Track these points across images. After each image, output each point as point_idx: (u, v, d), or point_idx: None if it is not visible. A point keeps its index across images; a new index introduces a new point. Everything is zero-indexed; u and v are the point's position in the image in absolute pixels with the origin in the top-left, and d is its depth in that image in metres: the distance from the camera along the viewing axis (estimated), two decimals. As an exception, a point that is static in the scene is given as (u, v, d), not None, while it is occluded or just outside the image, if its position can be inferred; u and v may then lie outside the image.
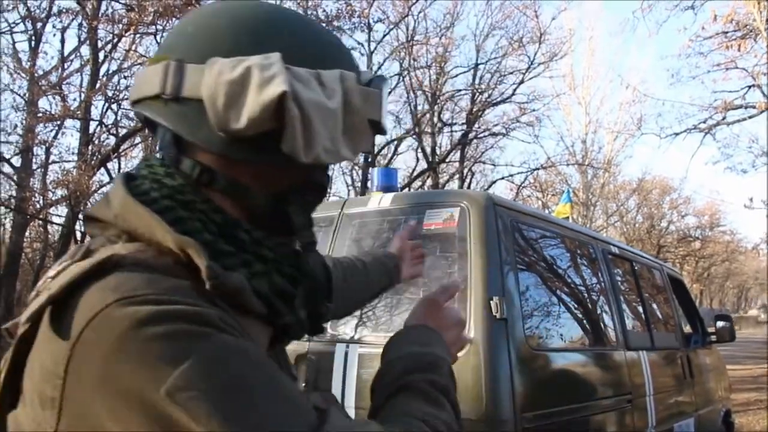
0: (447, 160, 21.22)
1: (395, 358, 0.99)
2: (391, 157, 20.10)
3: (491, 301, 2.69)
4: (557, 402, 3.00)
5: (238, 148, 0.83)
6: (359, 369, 2.94)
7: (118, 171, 18.04)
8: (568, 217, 5.58)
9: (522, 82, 20.53)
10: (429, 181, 19.89)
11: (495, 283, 2.76)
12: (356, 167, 20.67)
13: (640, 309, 4.46)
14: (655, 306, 4.93)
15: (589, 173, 25.84)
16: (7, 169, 17.26)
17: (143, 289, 0.70)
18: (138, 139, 17.70)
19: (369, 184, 3.60)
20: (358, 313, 3.12)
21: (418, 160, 20.84)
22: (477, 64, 20.60)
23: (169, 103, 0.83)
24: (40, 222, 18.16)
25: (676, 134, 14.50)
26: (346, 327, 3.12)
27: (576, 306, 3.60)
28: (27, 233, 18.61)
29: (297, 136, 0.80)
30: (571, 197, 5.52)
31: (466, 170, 21.79)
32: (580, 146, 25.78)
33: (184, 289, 0.73)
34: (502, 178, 22.16)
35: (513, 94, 20.78)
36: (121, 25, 14.70)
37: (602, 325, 3.74)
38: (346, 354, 3.00)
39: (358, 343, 3.01)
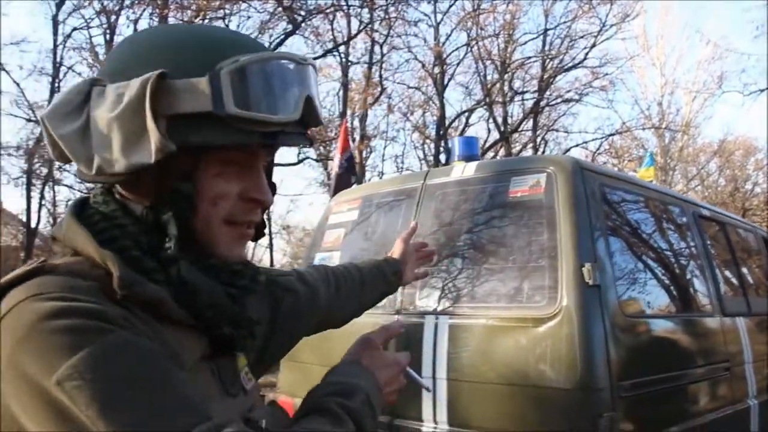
0: (519, 129, 20.88)
1: (319, 386, 1.02)
2: (463, 129, 19.88)
3: (583, 268, 2.62)
4: (654, 370, 2.91)
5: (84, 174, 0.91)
6: (449, 340, 2.92)
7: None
8: (651, 181, 5.41)
9: (594, 45, 19.96)
10: (501, 152, 19.63)
11: (586, 250, 2.68)
12: (428, 141, 20.58)
13: (734, 273, 4.29)
14: (749, 270, 4.73)
15: (666, 137, 25.02)
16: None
17: (54, 288, 0.79)
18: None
19: (450, 154, 3.54)
20: (441, 285, 3.10)
21: (489, 130, 20.57)
22: (546, 30, 20.11)
23: None
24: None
25: (762, 90, 13.85)
26: (429, 300, 3.10)
27: (668, 271, 3.48)
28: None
29: (75, 153, 0.88)
30: (654, 161, 5.33)
31: (539, 139, 21.40)
32: (656, 109, 24.97)
33: (93, 291, 0.80)
34: (576, 146, 21.65)
35: (585, 59, 20.23)
36: (190, 12, 14.98)
37: (696, 291, 3.61)
38: (436, 326, 2.98)
39: (448, 315, 2.98)
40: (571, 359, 2.58)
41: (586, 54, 20.14)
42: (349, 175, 6.02)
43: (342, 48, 18.23)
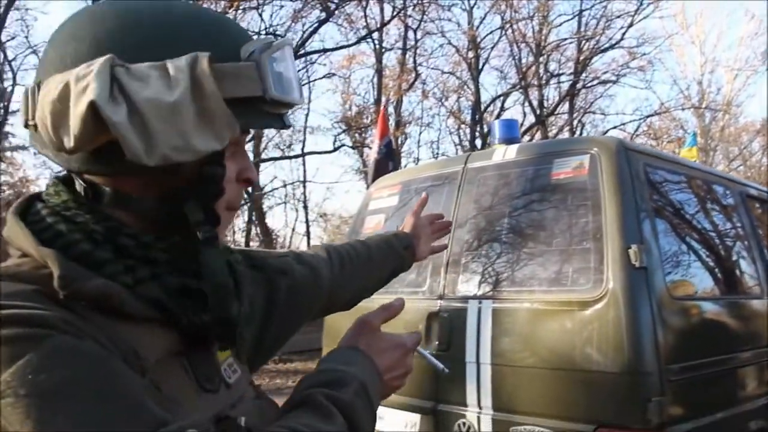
0: (555, 112, 20.65)
1: (307, 376, 0.95)
2: (498, 113, 19.72)
3: (629, 250, 2.58)
4: (701, 354, 2.86)
5: (92, 163, 0.81)
6: (493, 325, 2.90)
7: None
8: (694, 161, 5.29)
9: (631, 25, 19.59)
10: (538, 135, 19.43)
11: (632, 231, 2.64)
12: (463, 126, 20.47)
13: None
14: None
15: (706, 116, 24.53)
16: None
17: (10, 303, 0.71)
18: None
19: (488, 137, 3.49)
20: (484, 269, 3.08)
21: (525, 114, 20.36)
22: (582, 10, 19.78)
23: (31, 128, 0.83)
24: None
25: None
26: (472, 284, 3.09)
27: (715, 252, 3.41)
28: None
29: (132, 142, 0.75)
30: (696, 141, 5.22)
31: (575, 122, 21.14)
32: (695, 88, 24.48)
33: (33, 295, 0.73)
34: (614, 128, 21.32)
35: (622, 39, 19.88)
36: (223, 2, 15.06)
37: (743, 272, 3.53)
38: (479, 310, 2.97)
39: (491, 299, 2.96)
40: (618, 343, 2.54)
41: (623, 34, 19.80)
42: (387, 160, 5.98)
43: (375, 34, 18.19)
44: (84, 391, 0.67)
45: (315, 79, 18.96)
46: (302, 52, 16.27)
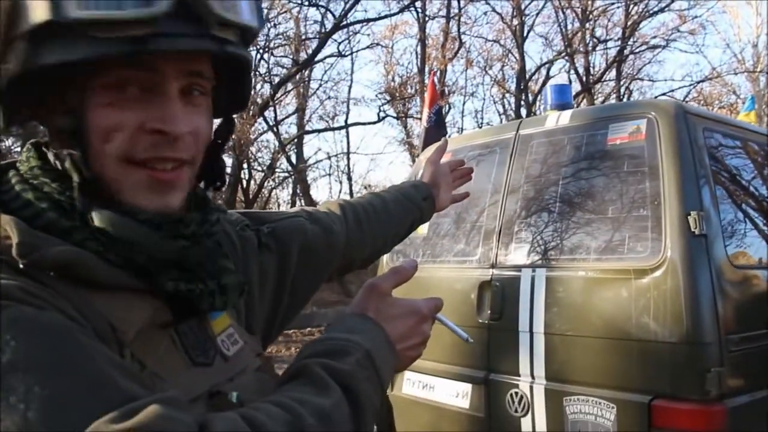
0: (602, 79, 20.24)
1: (307, 345, 0.87)
2: (544, 81, 19.40)
3: (689, 217, 2.51)
4: (762, 324, 2.78)
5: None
6: (546, 294, 2.86)
7: (275, 119, 18.73)
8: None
9: (682, -13, 19.03)
10: (584, 103, 19.08)
11: (692, 198, 2.57)
12: (507, 95, 20.20)
13: None
14: None
15: (761, 81, 23.73)
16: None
17: None
18: (290, 86, 18.22)
19: (540, 104, 3.43)
20: (537, 237, 3.03)
21: (571, 82, 19.94)
22: (630, -26, 19.28)
23: None
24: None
25: None
26: (526, 252, 3.04)
27: (777, 220, 3.30)
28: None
29: None
30: (755, 105, 5.04)
31: (623, 89, 20.69)
32: (750, 52, 23.63)
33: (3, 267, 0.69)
34: (663, 94, 20.80)
35: (672, 1, 19.30)
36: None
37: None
38: (533, 279, 2.93)
39: (545, 267, 2.92)
40: (676, 312, 2.48)
41: (674, -3, 19.24)
42: (438, 128, 5.92)
43: (419, 3, 17.98)
44: (41, 365, 0.62)
45: (358, 50, 18.91)
46: (345, 23, 16.20)
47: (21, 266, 0.70)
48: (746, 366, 2.62)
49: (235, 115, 0.96)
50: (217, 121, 0.92)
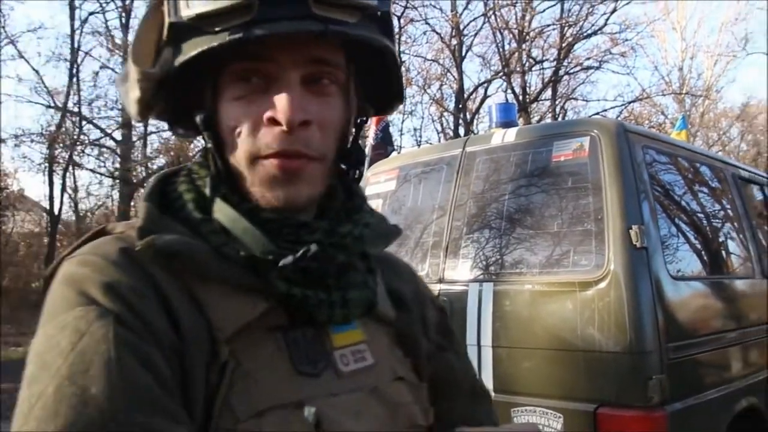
0: (538, 98, 20.70)
1: None
2: (482, 101, 19.74)
3: (630, 231, 2.61)
4: (699, 332, 2.91)
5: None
6: (494, 307, 2.92)
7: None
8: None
9: (613, 11, 19.65)
10: (521, 122, 19.48)
11: (633, 212, 2.67)
12: (446, 113, 20.47)
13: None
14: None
15: (687, 102, 24.73)
16: (110, 143, 18.02)
17: (86, 252, 0.74)
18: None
19: (478, 122, 3.51)
20: (484, 251, 3.09)
21: (507, 101, 20.34)
22: (564, -4, 19.86)
23: None
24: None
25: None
26: (473, 267, 3.10)
27: (711, 233, 3.45)
28: (132, 203, 19.46)
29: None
30: (686, 124, 5.26)
31: (558, 108, 21.21)
32: (676, 74, 24.67)
33: (111, 251, 0.73)
34: (596, 114, 21.41)
35: (604, 25, 19.94)
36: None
37: (738, 252, 3.58)
38: (480, 293, 2.98)
39: (492, 281, 2.98)
40: (619, 323, 2.57)
41: (606, 20, 19.88)
42: (385, 145, 5.95)
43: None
44: (60, 365, 0.64)
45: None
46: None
47: (136, 249, 0.73)
48: (685, 373, 2.73)
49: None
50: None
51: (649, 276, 2.62)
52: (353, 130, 0.86)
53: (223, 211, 0.78)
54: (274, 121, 0.75)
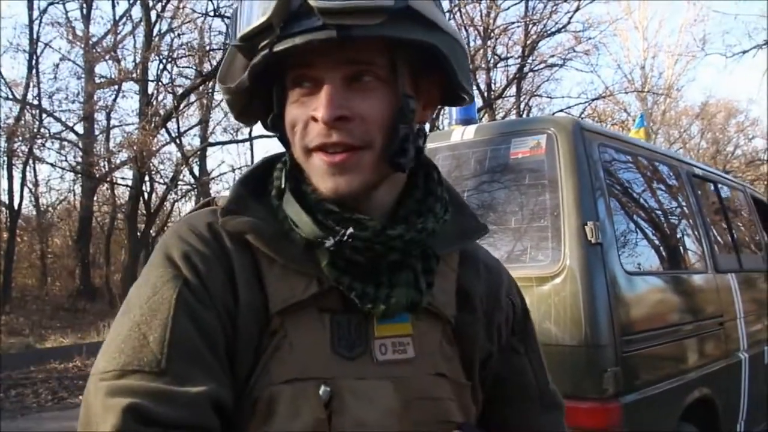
0: (503, 95, 20.88)
1: None
2: (447, 97, 19.83)
3: (585, 227, 2.67)
4: (653, 325, 2.98)
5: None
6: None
7: (178, 130, 18.32)
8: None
9: (577, 9, 19.92)
10: (486, 118, 19.64)
11: (588, 209, 2.72)
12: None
13: (726, 231, 4.36)
14: (739, 228, 4.80)
15: (649, 100, 25.18)
16: (72, 136, 17.73)
17: (188, 221, 0.92)
18: (193, 98, 17.90)
19: (443, 118, 3.55)
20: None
21: (473, 97, 20.55)
22: (529, -6, 20.04)
23: None
24: (107, 185, 18.65)
25: (745, 52, 13.96)
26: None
27: (665, 229, 3.54)
28: (95, 197, 19.17)
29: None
30: (644, 122, 5.36)
31: (522, 105, 21.42)
32: (638, 73, 25.10)
33: (200, 224, 0.90)
34: (560, 111, 21.68)
35: (568, 23, 20.22)
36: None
37: (691, 248, 3.67)
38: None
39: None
40: (575, 316, 2.62)
41: (569, 18, 20.14)
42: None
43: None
44: (136, 313, 0.82)
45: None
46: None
47: (219, 224, 0.88)
48: (639, 365, 2.80)
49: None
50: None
51: (604, 271, 2.68)
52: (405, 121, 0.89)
53: (288, 201, 0.90)
54: (315, 119, 0.85)
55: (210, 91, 17.56)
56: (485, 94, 19.81)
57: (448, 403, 0.92)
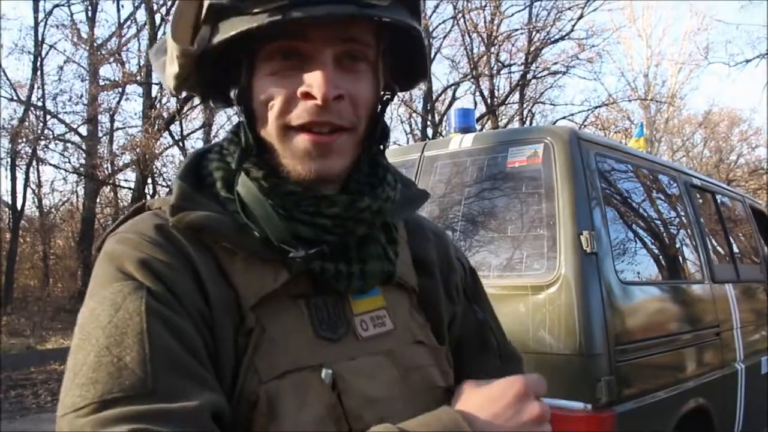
0: (506, 102, 20.89)
1: None
2: (450, 103, 19.84)
3: (581, 236, 2.68)
4: (648, 335, 2.99)
5: None
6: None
7: (181, 133, 18.38)
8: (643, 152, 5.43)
9: (580, 17, 19.91)
10: (488, 125, 19.65)
11: (584, 218, 2.74)
12: (414, 114, 20.55)
13: (724, 241, 4.37)
14: (737, 238, 4.81)
15: (652, 108, 25.15)
16: (75, 138, 17.77)
17: (125, 230, 0.82)
18: (196, 101, 17.93)
19: (445, 126, 3.58)
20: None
21: (476, 104, 20.54)
22: (533, 1, 20.05)
23: None
24: (110, 187, 18.68)
25: (748, 61, 13.95)
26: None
27: (661, 239, 3.55)
28: (98, 199, 19.18)
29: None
30: (644, 131, 5.38)
31: (525, 111, 21.43)
32: (642, 81, 25.08)
33: (148, 226, 0.81)
34: (563, 118, 21.68)
35: (571, 31, 20.18)
36: (174, -13, 14.79)
37: (688, 258, 3.68)
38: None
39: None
40: (570, 326, 2.64)
41: (573, 26, 20.12)
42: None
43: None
44: (99, 336, 0.72)
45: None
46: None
47: (169, 225, 0.80)
48: (634, 374, 2.81)
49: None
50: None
51: (599, 280, 2.69)
52: (380, 105, 0.90)
53: (245, 186, 0.83)
54: (308, 96, 0.80)
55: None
56: (488, 100, 19.82)
57: (430, 369, 0.91)
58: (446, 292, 1.02)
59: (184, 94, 0.93)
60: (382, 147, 0.93)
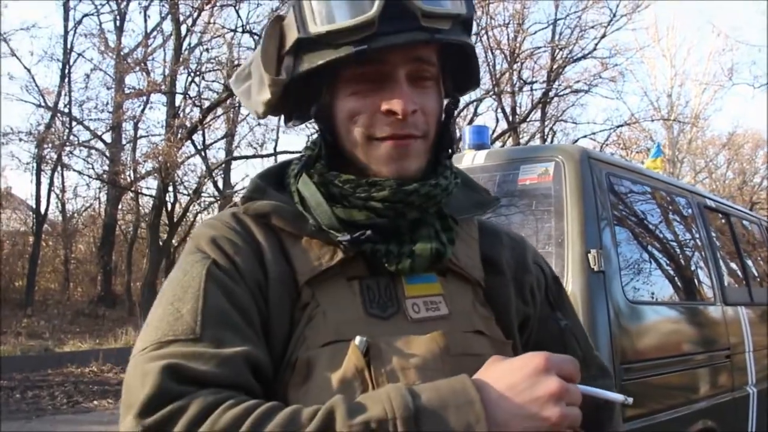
0: (528, 119, 20.89)
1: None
2: (471, 119, 19.89)
3: (589, 254, 2.70)
4: (656, 355, 3.00)
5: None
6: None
7: (203, 142, 18.56)
8: (659, 172, 5.42)
9: (604, 36, 19.94)
10: (510, 142, 19.65)
11: (592, 237, 2.76)
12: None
13: (738, 263, 4.35)
14: (752, 261, 4.79)
15: (675, 129, 24.97)
16: (99, 145, 18.02)
17: (210, 216, 1.04)
18: (220, 111, 18.11)
19: (459, 142, 3.61)
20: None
21: (498, 120, 20.60)
22: (556, 20, 20.11)
23: None
24: (132, 194, 18.88)
25: (771, 84, 13.80)
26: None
27: (672, 260, 3.55)
28: (120, 206, 19.39)
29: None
30: (661, 151, 5.37)
31: (547, 129, 21.41)
32: (665, 101, 24.94)
33: (226, 217, 0.98)
34: (585, 137, 21.64)
35: (594, 49, 20.22)
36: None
37: (699, 280, 3.68)
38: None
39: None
40: (575, 343, 2.65)
41: (596, 44, 20.14)
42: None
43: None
44: (168, 294, 0.89)
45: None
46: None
47: (241, 213, 0.97)
48: (640, 394, 2.81)
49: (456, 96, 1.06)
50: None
51: (606, 299, 2.71)
52: (444, 114, 1.01)
53: (304, 182, 0.97)
54: (391, 112, 0.91)
55: (236, 105, 17.80)
56: (510, 117, 19.84)
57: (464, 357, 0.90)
58: (519, 293, 1.06)
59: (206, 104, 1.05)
60: (450, 151, 1.03)
